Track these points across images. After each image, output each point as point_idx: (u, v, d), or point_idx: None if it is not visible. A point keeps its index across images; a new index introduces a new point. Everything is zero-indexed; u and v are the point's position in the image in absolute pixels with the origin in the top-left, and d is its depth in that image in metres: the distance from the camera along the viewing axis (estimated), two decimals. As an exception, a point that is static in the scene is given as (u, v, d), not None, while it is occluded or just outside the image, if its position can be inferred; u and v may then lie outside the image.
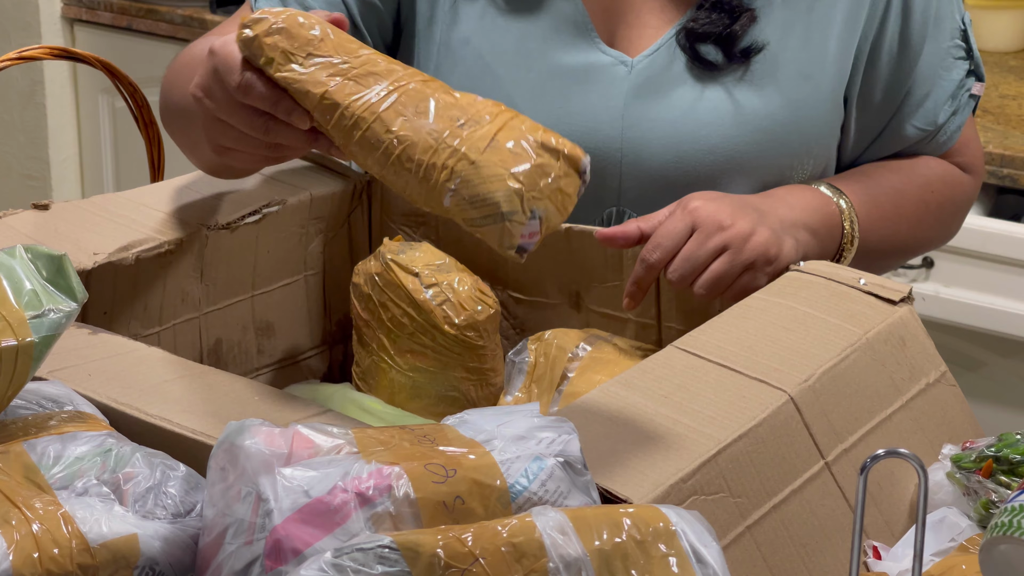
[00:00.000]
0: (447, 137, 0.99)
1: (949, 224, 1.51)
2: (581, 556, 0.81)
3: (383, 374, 1.33)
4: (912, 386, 1.17)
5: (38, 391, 1.01)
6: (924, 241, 1.50)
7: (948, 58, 1.44)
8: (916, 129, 1.45)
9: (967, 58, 1.45)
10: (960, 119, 1.46)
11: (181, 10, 3.12)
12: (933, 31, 1.43)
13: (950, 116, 1.45)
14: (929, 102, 1.44)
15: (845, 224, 1.37)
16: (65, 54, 1.54)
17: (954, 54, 1.44)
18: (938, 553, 1.06)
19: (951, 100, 1.45)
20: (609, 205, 1.42)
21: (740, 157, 1.39)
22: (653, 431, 1.00)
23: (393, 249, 1.31)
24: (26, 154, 3.41)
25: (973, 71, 1.46)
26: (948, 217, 1.49)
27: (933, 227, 1.48)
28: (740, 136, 1.38)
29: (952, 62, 1.44)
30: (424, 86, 1.03)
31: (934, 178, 1.46)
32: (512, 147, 0.98)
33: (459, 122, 1.00)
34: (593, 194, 1.41)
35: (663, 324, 1.34)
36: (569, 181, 1.00)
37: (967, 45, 1.45)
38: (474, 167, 0.98)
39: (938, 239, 1.52)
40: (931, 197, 1.45)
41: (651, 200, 1.38)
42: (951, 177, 1.48)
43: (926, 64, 1.43)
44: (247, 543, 0.82)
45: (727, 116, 1.38)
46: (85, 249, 1.28)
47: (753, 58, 1.38)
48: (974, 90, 1.45)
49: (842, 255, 1.38)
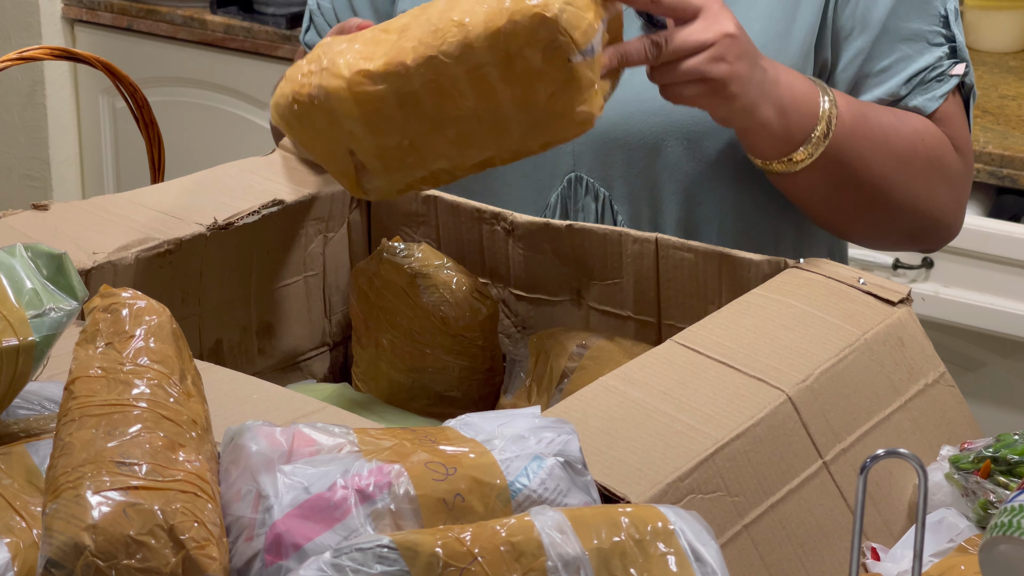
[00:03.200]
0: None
1: (937, 187, 1.45)
2: (580, 555, 0.81)
3: (383, 375, 1.33)
4: (911, 387, 1.17)
5: (40, 392, 1.01)
6: (909, 190, 1.42)
7: (921, 41, 1.43)
8: (876, 98, 1.44)
9: (945, 43, 1.44)
10: (933, 94, 1.45)
11: (181, 10, 3.12)
12: (904, 10, 1.43)
13: (915, 89, 1.44)
14: (895, 77, 1.43)
15: (820, 126, 1.34)
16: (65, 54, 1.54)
17: (930, 39, 1.44)
18: (937, 554, 1.06)
19: (919, 77, 1.44)
20: (567, 171, 1.45)
21: (685, 120, 1.40)
22: (651, 428, 1.01)
23: (392, 250, 1.31)
24: (26, 154, 3.41)
25: (952, 55, 1.44)
26: (937, 177, 1.43)
27: (919, 178, 1.42)
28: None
29: (926, 46, 1.44)
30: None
31: (925, 132, 1.43)
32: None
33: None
34: (552, 161, 1.44)
35: (663, 322, 1.35)
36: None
37: (948, 32, 1.44)
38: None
39: (925, 198, 1.45)
40: (921, 145, 1.42)
41: (604, 163, 1.42)
42: (942, 139, 1.45)
43: (892, 39, 1.43)
44: (248, 540, 0.83)
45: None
46: (85, 249, 1.28)
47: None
48: (954, 71, 1.44)
49: (809, 142, 1.35)
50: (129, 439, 0.84)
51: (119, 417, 0.86)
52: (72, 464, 0.82)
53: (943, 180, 1.45)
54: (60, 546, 0.79)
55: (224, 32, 3.06)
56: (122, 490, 0.80)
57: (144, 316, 0.93)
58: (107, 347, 0.91)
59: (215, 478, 0.86)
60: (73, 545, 0.78)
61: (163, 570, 0.79)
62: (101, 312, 0.93)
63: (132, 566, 0.79)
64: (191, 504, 0.82)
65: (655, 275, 1.34)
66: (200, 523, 0.81)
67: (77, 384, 0.88)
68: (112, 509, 0.79)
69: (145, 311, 0.94)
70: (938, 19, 1.44)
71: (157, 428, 0.85)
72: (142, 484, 0.81)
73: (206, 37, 3.10)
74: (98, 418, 0.85)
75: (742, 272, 1.29)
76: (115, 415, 0.86)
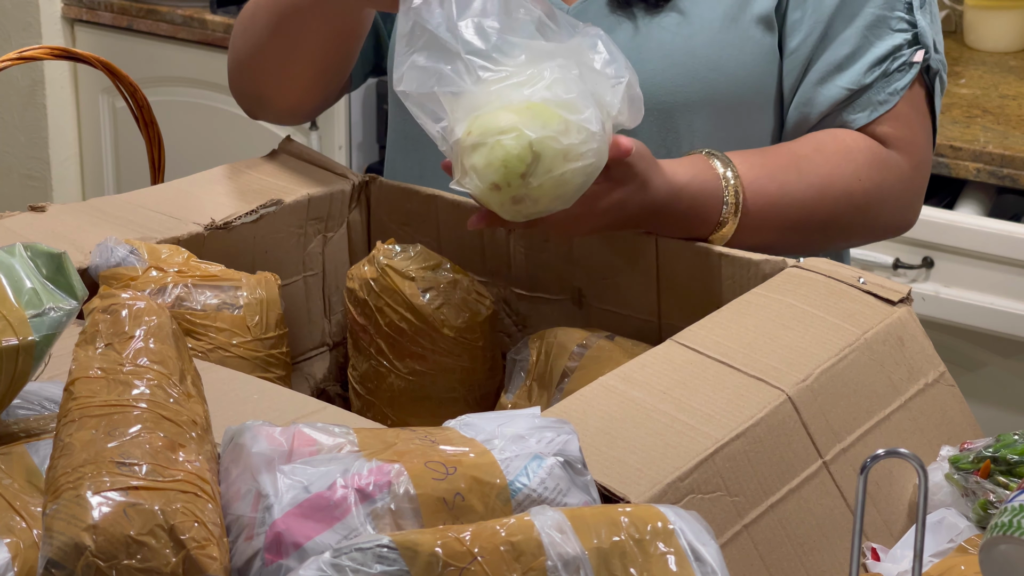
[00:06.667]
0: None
1: (881, 213, 1.47)
2: (579, 555, 0.81)
3: (382, 379, 1.33)
4: (911, 386, 1.17)
5: (40, 392, 1.01)
6: (851, 229, 1.46)
7: (883, 26, 1.44)
8: (841, 89, 1.45)
9: (908, 30, 1.44)
10: (895, 87, 1.45)
11: (181, 10, 3.13)
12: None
13: (877, 79, 1.44)
14: (856, 64, 1.44)
15: (727, 197, 1.36)
16: (65, 54, 1.54)
17: (892, 25, 1.44)
18: (937, 554, 1.06)
19: (880, 65, 1.44)
20: None
21: (655, 91, 1.41)
22: (651, 428, 1.01)
23: (387, 253, 1.31)
24: (26, 154, 3.41)
25: (915, 42, 1.45)
26: (877, 206, 1.45)
27: (857, 219, 1.44)
28: (652, 70, 1.41)
29: (888, 32, 1.44)
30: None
31: (862, 164, 1.42)
32: None
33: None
34: None
35: (663, 322, 1.35)
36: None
37: (911, 18, 1.44)
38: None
39: (871, 227, 1.48)
40: (858, 186, 1.42)
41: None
42: (882, 161, 1.44)
43: (852, 24, 1.44)
44: (248, 539, 0.83)
45: (634, 51, 1.41)
46: (83, 250, 1.28)
47: (668, 1, 1.43)
48: (914, 58, 1.45)
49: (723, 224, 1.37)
50: (129, 439, 0.84)
51: (119, 417, 0.86)
52: (72, 464, 0.82)
53: (888, 202, 1.47)
54: (60, 546, 0.79)
55: (224, 32, 3.06)
56: (122, 490, 0.80)
57: (144, 317, 0.93)
58: (107, 348, 0.91)
59: (215, 478, 0.86)
60: (73, 545, 0.78)
61: (164, 570, 0.79)
62: (101, 313, 0.93)
63: (132, 566, 0.79)
64: (191, 504, 0.81)
65: (655, 274, 1.34)
66: (200, 523, 0.81)
67: (77, 385, 0.89)
68: (112, 509, 0.79)
69: (145, 312, 0.94)
70: (902, 5, 1.44)
71: (157, 428, 0.85)
72: (142, 484, 0.81)
73: (206, 37, 3.11)
74: (98, 419, 0.85)
75: (742, 272, 1.29)
76: (115, 415, 0.86)
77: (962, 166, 2.35)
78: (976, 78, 2.66)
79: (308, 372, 1.46)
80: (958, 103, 2.52)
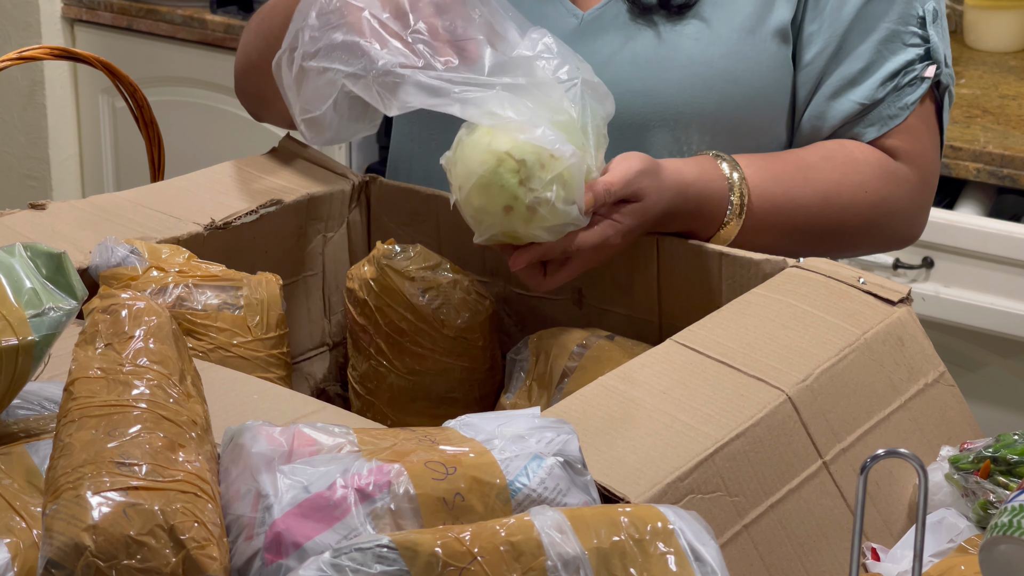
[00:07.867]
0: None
1: (887, 224, 1.48)
2: (579, 554, 0.81)
3: (382, 379, 1.33)
4: (910, 386, 1.17)
5: (40, 392, 1.01)
6: (855, 239, 1.47)
7: (897, 41, 1.44)
8: (853, 103, 1.45)
9: (921, 44, 1.45)
10: (905, 102, 1.45)
11: (181, 10, 3.12)
12: (878, 10, 1.43)
13: (889, 93, 1.45)
14: (870, 79, 1.44)
15: (733, 197, 1.37)
16: (65, 54, 1.54)
17: (905, 40, 1.44)
18: (937, 554, 1.06)
19: (892, 79, 1.44)
20: None
21: (672, 101, 1.41)
22: (651, 428, 1.01)
23: (387, 253, 1.31)
24: (26, 154, 3.41)
25: (927, 56, 1.45)
26: (885, 217, 1.46)
27: (861, 229, 1.45)
28: (671, 80, 1.41)
29: (901, 47, 1.44)
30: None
31: (870, 177, 1.43)
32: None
33: None
34: None
35: (663, 322, 1.35)
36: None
37: (924, 32, 1.44)
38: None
39: (876, 237, 1.49)
40: (864, 198, 1.44)
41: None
42: (890, 174, 1.45)
43: (866, 38, 1.44)
44: (247, 539, 0.83)
45: (656, 60, 1.41)
46: (83, 249, 1.28)
47: (690, 9, 1.42)
48: (926, 72, 1.45)
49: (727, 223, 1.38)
50: (129, 439, 0.84)
51: (119, 418, 0.86)
52: (72, 464, 0.82)
53: (894, 214, 1.47)
54: (60, 546, 0.79)
55: (224, 32, 3.06)
56: (122, 490, 0.80)
57: (143, 317, 0.93)
58: (106, 348, 0.91)
59: (215, 478, 0.86)
60: (73, 545, 0.78)
61: (163, 570, 0.79)
62: (100, 313, 0.93)
63: (132, 566, 0.79)
64: (191, 504, 0.82)
65: (655, 274, 1.34)
66: (200, 523, 0.81)
67: (77, 385, 0.89)
68: (112, 509, 0.79)
69: (144, 312, 0.94)
70: (915, 20, 1.44)
71: (157, 428, 0.85)
72: (142, 484, 0.81)
73: (206, 37, 3.10)
74: (98, 419, 0.85)
75: (742, 272, 1.29)
76: (115, 416, 0.86)
77: (962, 166, 2.35)
78: (976, 78, 2.66)
79: (308, 372, 1.46)
80: (958, 103, 2.52)
